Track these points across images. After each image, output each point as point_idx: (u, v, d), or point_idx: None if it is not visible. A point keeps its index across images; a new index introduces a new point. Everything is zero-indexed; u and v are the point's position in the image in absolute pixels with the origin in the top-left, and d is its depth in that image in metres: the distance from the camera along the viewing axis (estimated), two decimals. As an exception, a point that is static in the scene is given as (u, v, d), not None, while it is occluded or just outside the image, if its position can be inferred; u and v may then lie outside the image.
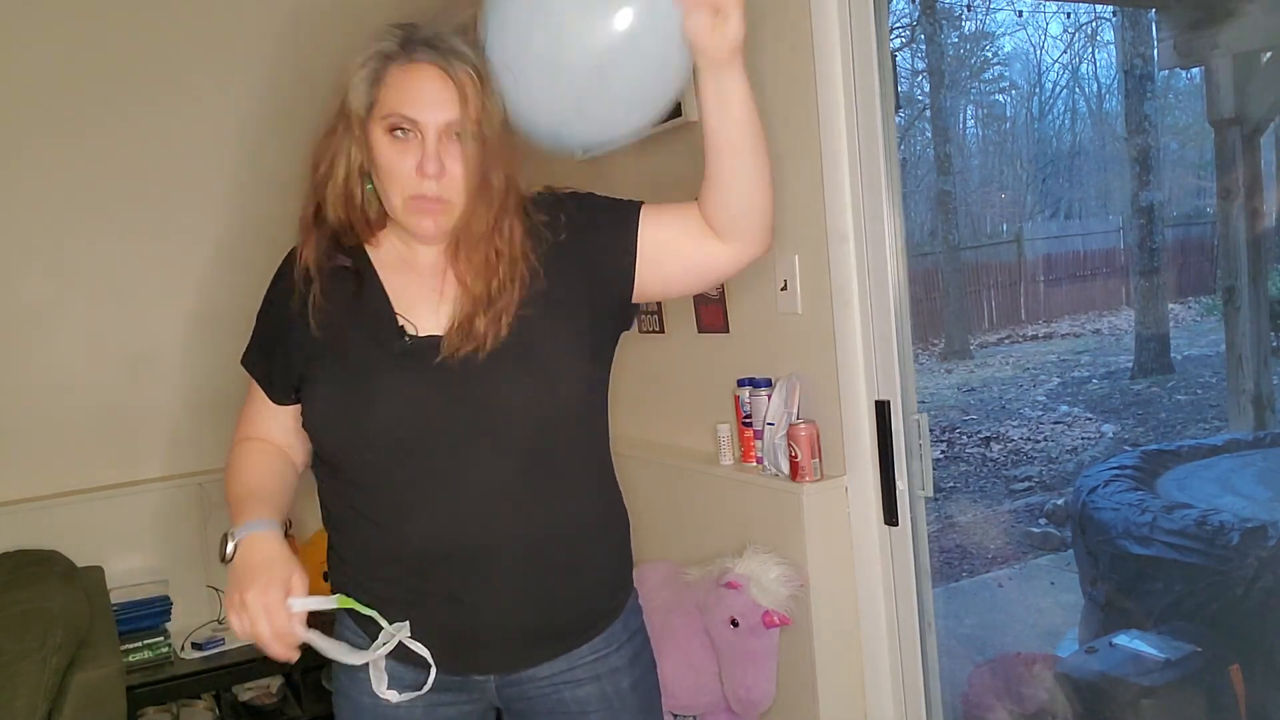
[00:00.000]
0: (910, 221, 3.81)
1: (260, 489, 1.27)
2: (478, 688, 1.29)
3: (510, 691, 1.30)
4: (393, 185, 1.21)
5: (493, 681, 1.29)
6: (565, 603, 1.27)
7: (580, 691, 1.29)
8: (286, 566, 1.15)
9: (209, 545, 2.82)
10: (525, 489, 1.22)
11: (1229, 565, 2.67)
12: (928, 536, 2.01)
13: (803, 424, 2.04)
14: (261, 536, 1.18)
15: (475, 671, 1.28)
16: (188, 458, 2.84)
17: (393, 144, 1.19)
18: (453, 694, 1.28)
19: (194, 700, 2.62)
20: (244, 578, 1.13)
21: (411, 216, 1.21)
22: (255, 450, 1.33)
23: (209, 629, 2.71)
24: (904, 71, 9.15)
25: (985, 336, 8.91)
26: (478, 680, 1.29)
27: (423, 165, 1.17)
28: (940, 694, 2.03)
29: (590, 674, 1.29)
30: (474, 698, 1.31)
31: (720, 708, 2.17)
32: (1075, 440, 5.85)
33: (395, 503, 1.23)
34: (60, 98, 2.70)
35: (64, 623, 2.05)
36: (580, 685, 1.29)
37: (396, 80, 1.19)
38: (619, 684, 1.30)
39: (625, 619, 1.33)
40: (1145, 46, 6.47)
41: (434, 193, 1.19)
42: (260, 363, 1.33)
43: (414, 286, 1.27)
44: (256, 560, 1.15)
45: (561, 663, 1.28)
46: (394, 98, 1.18)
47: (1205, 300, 7.05)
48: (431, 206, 1.20)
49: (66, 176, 2.72)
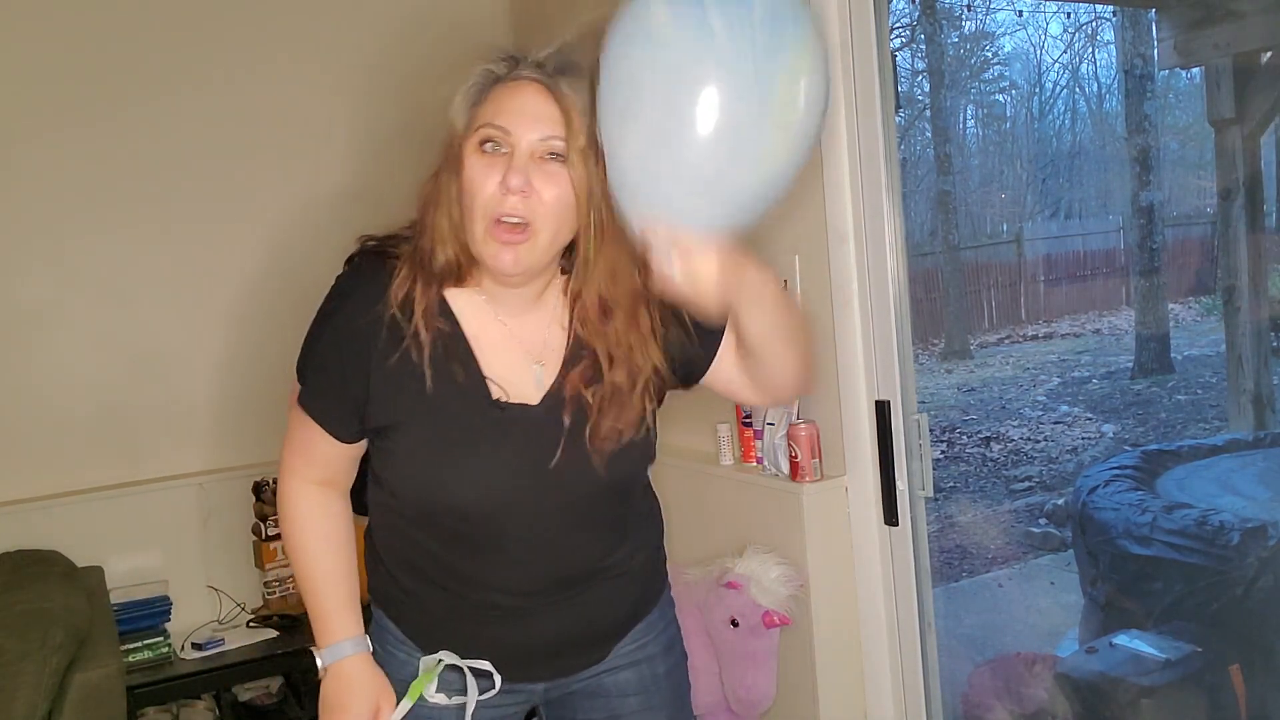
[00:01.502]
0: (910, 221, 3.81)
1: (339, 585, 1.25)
2: (525, 690, 1.31)
3: (556, 689, 1.32)
4: (474, 206, 1.08)
5: (541, 687, 1.32)
6: (615, 612, 1.30)
7: (620, 676, 1.31)
8: (375, 692, 1.23)
9: (209, 545, 2.82)
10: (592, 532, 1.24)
11: (1229, 565, 2.67)
12: (928, 536, 2.02)
13: (803, 424, 2.04)
14: (351, 664, 1.23)
15: (529, 681, 1.30)
16: (189, 458, 2.84)
17: (480, 158, 1.08)
18: (499, 695, 1.28)
19: (194, 700, 2.62)
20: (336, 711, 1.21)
21: (489, 245, 1.08)
22: (325, 518, 1.26)
23: (209, 629, 2.70)
24: (904, 71, 9.15)
25: (985, 336, 8.91)
26: (526, 688, 1.31)
27: (507, 178, 1.05)
28: (940, 694, 2.03)
29: (629, 660, 1.32)
30: (519, 699, 1.33)
31: (720, 708, 2.17)
32: (1075, 440, 5.85)
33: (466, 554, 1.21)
34: (62, 93, 2.70)
35: (64, 623, 2.05)
36: (619, 671, 1.31)
37: (496, 95, 1.10)
38: (655, 670, 1.33)
39: (661, 609, 1.36)
40: (1145, 46, 6.47)
41: (517, 213, 1.06)
42: (328, 406, 1.20)
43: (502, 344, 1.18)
44: (348, 691, 1.22)
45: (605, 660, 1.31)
46: (490, 111, 1.09)
47: (1205, 300, 7.05)
48: (512, 235, 1.07)
49: (67, 174, 2.72)
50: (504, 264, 1.08)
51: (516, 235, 1.07)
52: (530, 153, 1.07)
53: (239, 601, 2.81)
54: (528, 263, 1.10)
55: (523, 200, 1.06)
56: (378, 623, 1.32)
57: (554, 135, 1.07)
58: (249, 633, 2.66)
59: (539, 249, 1.09)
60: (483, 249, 1.09)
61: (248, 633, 2.66)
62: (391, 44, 2.97)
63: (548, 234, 1.09)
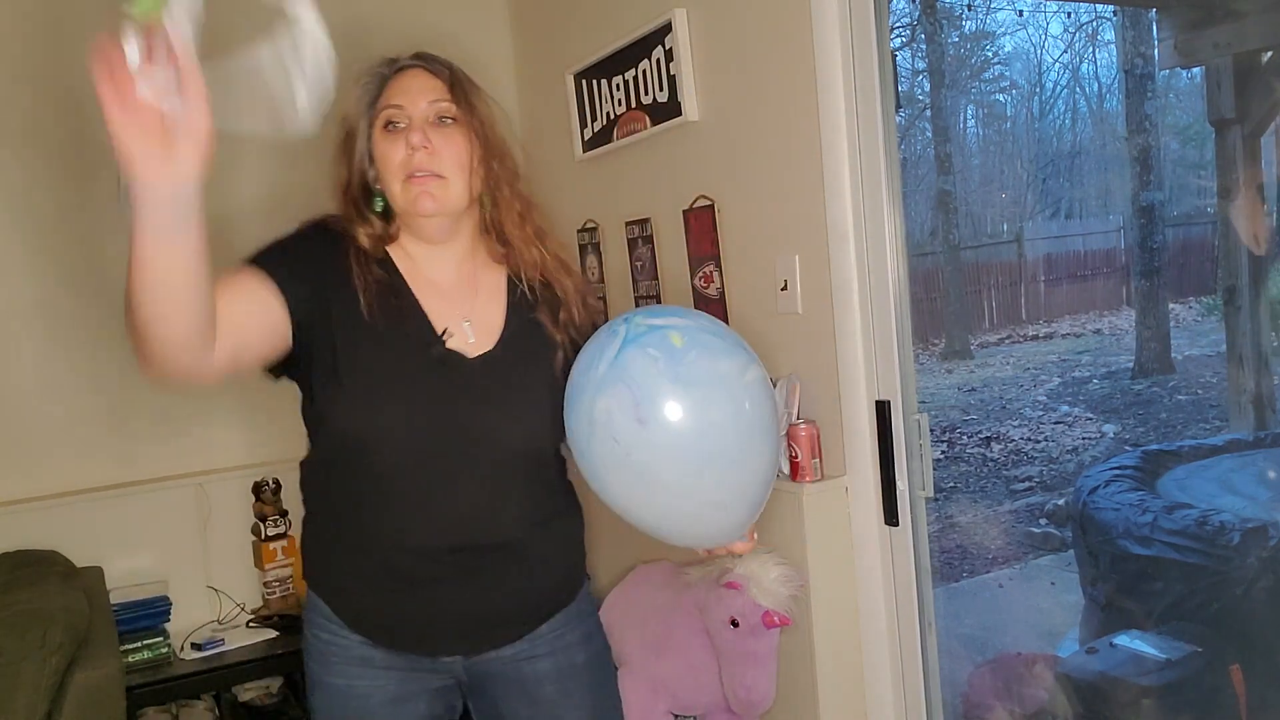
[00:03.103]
0: (910, 221, 3.80)
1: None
2: (446, 667, 1.38)
3: (476, 669, 1.39)
4: (390, 173, 1.27)
5: (460, 661, 1.38)
6: (529, 593, 1.37)
7: (538, 666, 1.39)
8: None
9: (209, 545, 2.82)
10: (506, 499, 1.31)
11: (1229, 565, 2.67)
12: (928, 536, 2.01)
13: (803, 424, 2.04)
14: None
15: (445, 654, 1.37)
16: (188, 458, 2.84)
17: (386, 136, 1.27)
18: (423, 672, 1.37)
19: (194, 701, 2.62)
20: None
21: (410, 193, 1.25)
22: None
23: (209, 629, 2.70)
24: (904, 71, 9.15)
25: (985, 336, 8.92)
26: (446, 661, 1.37)
27: (409, 138, 1.25)
28: (940, 694, 2.03)
29: (547, 650, 1.39)
30: (443, 676, 1.39)
31: (720, 708, 2.17)
32: (1076, 440, 5.85)
33: (400, 498, 1.28)
34: (63, 90, 2.70)
35: (64, 623, 2.05)
36: (538, 661, 1.39)
37: (387, 88, 1.30)
38: (573, 659, 1.41)
39: (579, 604, 1.43)
40: (1145, 46, 6.47)
41: (425, 166, 1.24)
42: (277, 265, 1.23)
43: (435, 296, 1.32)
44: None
45: (524, 644, 1.38)
46: (384, 99, 1.29)
47: (1205, 300, 7.04)
48: (425, 181, 1.25)
49: (68, 173, 2.72)
50: (425, 206, 1.26)
51: (429, 181, 1.25)
52: (424, 119, 1.26)
53: (239, 602, 2.81)
54: (445, 202, 1.27)
55: (428, 155, 1.25)
56: (309, 604, 1.39)
57: (440, 99, 1.27)
58: (249, 633, 2.66)
59: (453, 192, 1.27)
60: (403, 198, 1.26)
61: (247, 633, 2.66)
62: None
63: (458, 181, 1.27)
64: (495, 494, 1.30)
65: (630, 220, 2.64)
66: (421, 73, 1.30)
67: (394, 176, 1.26)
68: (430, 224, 1.30)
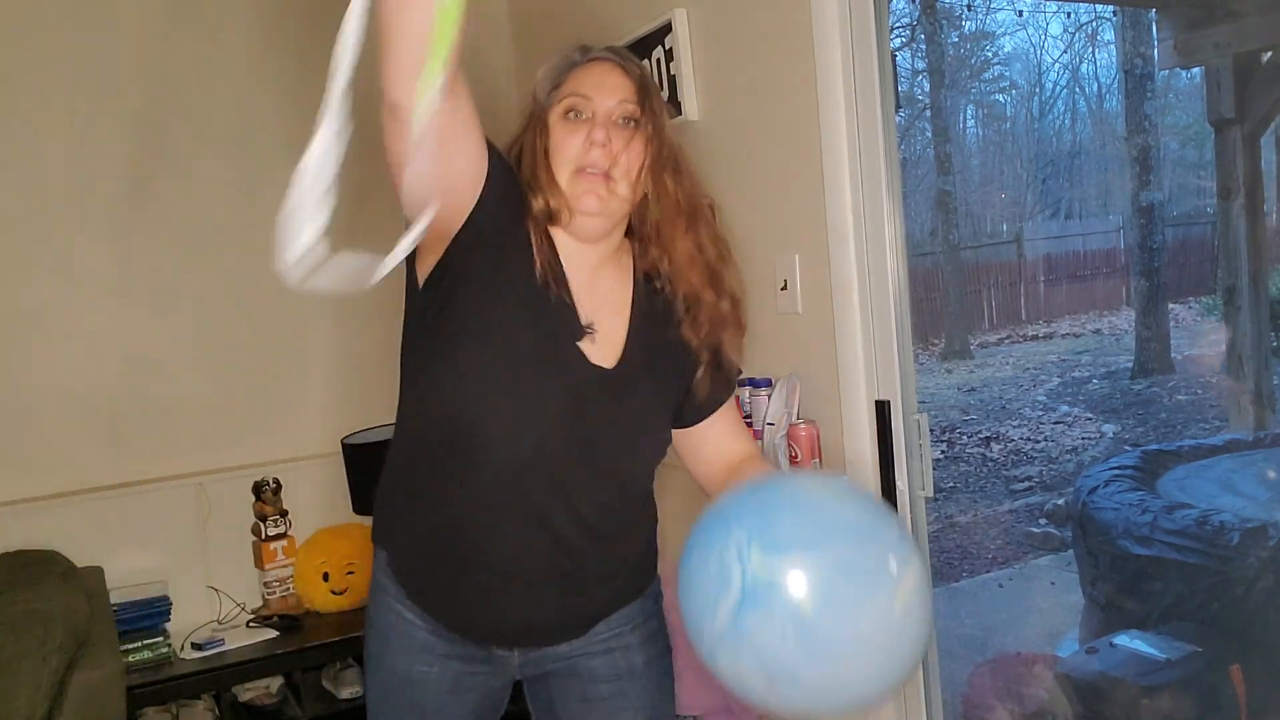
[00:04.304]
0: (910, 221, 3.81)
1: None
2: (503, 661, 1.35)
3: (531, 666, 1.37)
4: (561, 162, 1.22)
5: (517, 654, 1.35)
6: (599, 595, 1.33)
7: (593, 662, 1.35)
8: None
9: (209, 545, 2.82)
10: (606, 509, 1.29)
11: (1229, 565, 2.67)
12: (928, 537, 2.01)
13: (803, 424, 2.04)
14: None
15: (504, 646, 1.34)
16: (188, 458, 2.84)
17: (565, 124, 1.24)
18: (480, 665, 1.35)
19: (194, 701, 2.62)
20: None
21: (576, 187, 1.21)
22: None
23: (209, 629, 2.70)
24: (904, 71, 9.16)
25: (985, 336, 8.93)
26: (502, 655, 1.35)
27: (592, 134, 1.21)
28: (940, 694, 2.03)
29: (603, 648, 1.36)
30: (499, 674, 1.37)
31: (721, 708, 2.17)
32: (1075, 440, 5.86)
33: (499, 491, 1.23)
34: (62, 88, 2.70)
35: (64, 623, 2.05)
36: (594, 657, 1.35)
37: (575, 74, 1.26)
38: (631, 659, 1.37)
39: (643, 603, 1.39)
40: (1145, 46, 6.48)
41: (601, 165, 1.21)
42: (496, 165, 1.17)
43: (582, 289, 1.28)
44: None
45: (580, 641, 1.35)
46: (571, 85, 1.25)
47: (1205, 300, 7.05)
48: (597, 181, 1.21)
49: (67, 173, 2.72)
50: (589, 205, 1.22)
51: (601, 181, 1.22)
52: (609, 116, 1.23)
53: (239, 602, 2.81)
54: (610, 206, 1.23)
55: (604, 153, 1.21)
56: (377, 578, 1.36)
57: (628, 100, 1.24)
58: (249, 633, 2.66)
59: (619, 196, 1.23)
60: (569, 191, 1.22)
61: (247, 633, 2.66)
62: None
63: (625, 185, 1.23)
64: (596, 504, 1.27)
65: (630, 220, 2.64)
66: (615, 68, 1.26)
67: (564, 165, 1.22)
68: (588, 222, 1.24)
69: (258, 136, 2.90)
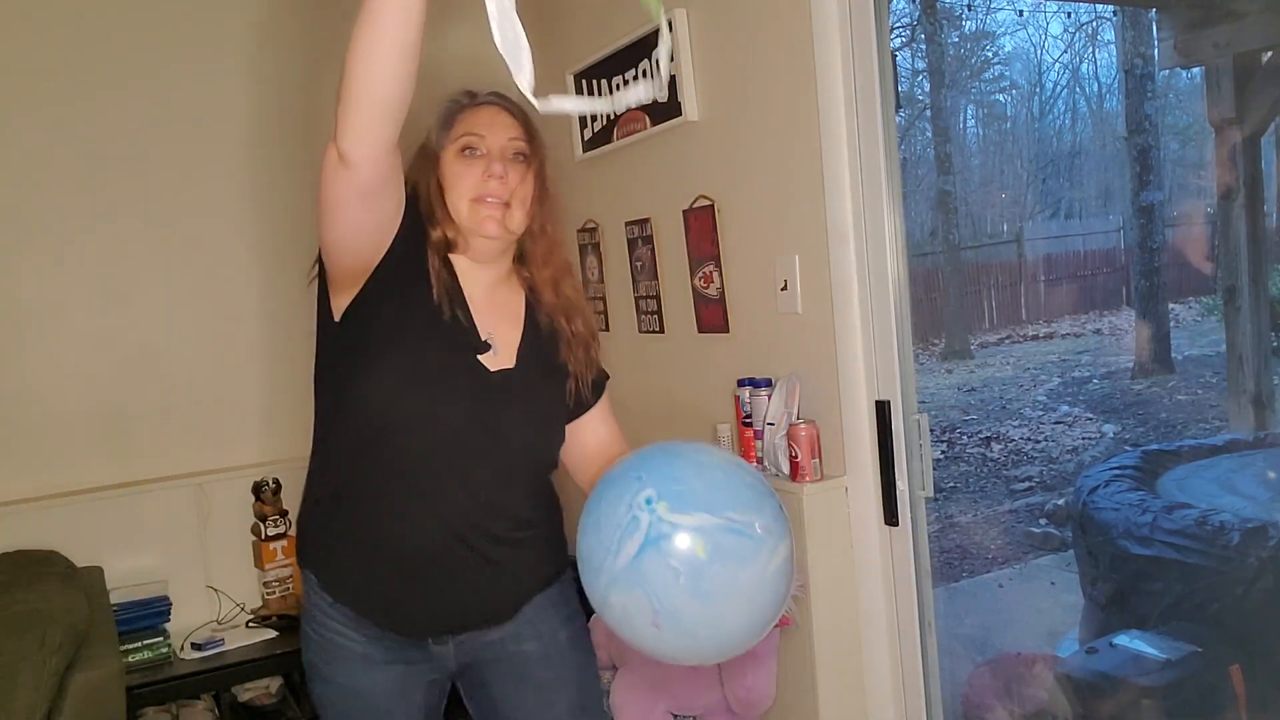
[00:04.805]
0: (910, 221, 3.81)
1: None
2: (439, 656, 1.47)
3: (466, 656, 1.48)
4: (458, 193, 1.37)
5: (451, 645, 1.46)
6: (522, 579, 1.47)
7: (524, 645, 1.48)
8: None
9: (209, 545, 2.82)
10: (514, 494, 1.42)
11: (1229, 565, 2.67)
12: (928, 536, 2.01)
13: (803, 424, 2.04)
14: None
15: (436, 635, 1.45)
16: (187, 458, 2.84)
17: (462, 160, 1.38)
18: (420, 664, 1.46)
19: (193, 701, 2.62)
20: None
21: (478, 214, 1.36)
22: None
23: (208, 629, 2.70)
24: (904, 71, 9.15)
25: (985, 336, 8.92)
26: (437, 649, 1.46)
27: (489, 167, 1.36)
28: (940, 694, 2.03)
29: (533, 633, 1.49)
30: (437, 668, 1.48)
31: (720, 708, 2.17)
32: (1076, 440, 5.85)
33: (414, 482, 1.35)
34: (61, 87, 2.70)
35: (64, 623, 2.05)
36: (523, 640, 1.48)
37: (466, 116, 1.40)
38: (557, 637, 1.51)
39: (561, 587, 1.53)
40: (1145, 46, 6.47)
41: (498, 194, 1.36)
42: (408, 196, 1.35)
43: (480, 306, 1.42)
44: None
45: (510, 625, 1.47)
46: (464, 126, 1.39)
47: (1205, 300, 7.04)
48: (495, 209, 1.36)
49: (67, 173, 2.72)
50: (490, 229, 1.37)
51: (499, 209, 1.37)
52: (503, 152, 1.38)
53: (238, 602, 2.81)
54: (509, 227, 1.38)
55: (502, 185, 1.37)
56: (308, 594, 1.46)
57: (518, 138, 1.40)
58: (248, 633, 2.66)
59: (515, 220, 1.39)
60: (470, 218, 1.37)
61: (247, 633, 2.66)
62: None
63: (520, 211, 1.39)
64: (503, 489, 1.39)
65: (630, 220, 2.64)
66: (502, 111, 1.41)
67: (463, 196, 1.36)
68: (487, 245, 1.40)
69: (260, 137, 2.90)
